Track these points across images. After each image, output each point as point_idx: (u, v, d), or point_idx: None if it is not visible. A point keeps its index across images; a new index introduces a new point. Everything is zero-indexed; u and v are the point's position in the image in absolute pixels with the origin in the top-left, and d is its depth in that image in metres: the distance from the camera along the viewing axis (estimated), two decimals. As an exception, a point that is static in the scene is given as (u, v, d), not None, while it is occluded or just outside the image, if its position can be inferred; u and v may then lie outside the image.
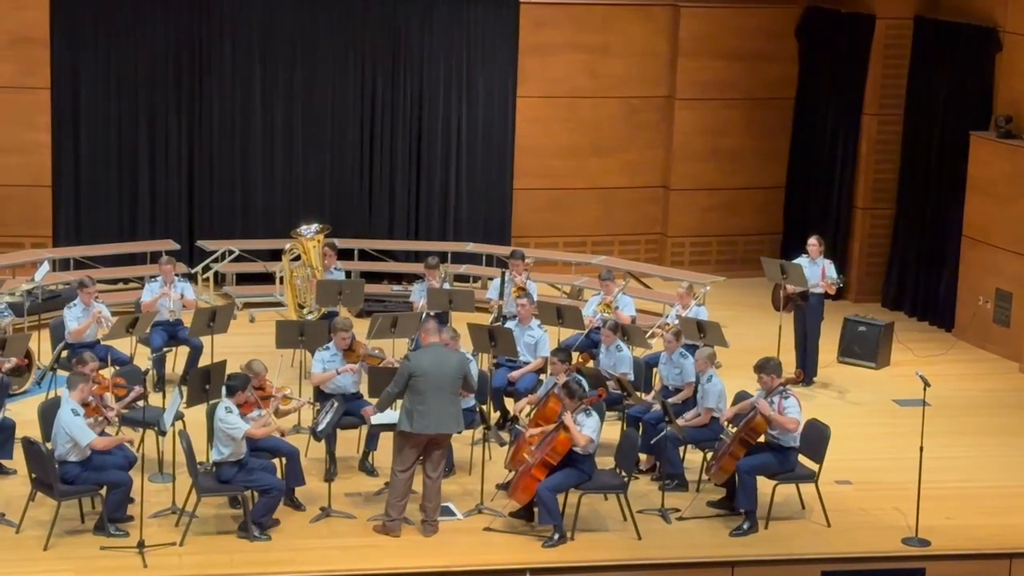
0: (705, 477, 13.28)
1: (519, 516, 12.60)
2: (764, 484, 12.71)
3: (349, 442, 13.75)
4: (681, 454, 13.49)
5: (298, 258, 17.37)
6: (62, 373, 14.37)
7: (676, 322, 15.21)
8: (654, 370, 14.84)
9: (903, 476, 13.11)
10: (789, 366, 15.20)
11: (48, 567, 11.44)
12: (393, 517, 12.26)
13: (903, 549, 12.45)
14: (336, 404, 12.98)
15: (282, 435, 12.58)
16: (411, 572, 11.76)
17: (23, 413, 13.58)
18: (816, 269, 16.46)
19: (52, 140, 19.47)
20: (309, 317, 16.51)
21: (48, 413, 12.46)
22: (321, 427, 12.73)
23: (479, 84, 20.46)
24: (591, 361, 14.39)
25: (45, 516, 11.92)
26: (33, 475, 12.03)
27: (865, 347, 17.41)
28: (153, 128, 19.71)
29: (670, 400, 13.60)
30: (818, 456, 12.85)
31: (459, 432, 12.55)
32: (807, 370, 16.33)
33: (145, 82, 19.58)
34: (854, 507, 13.20)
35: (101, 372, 13.21)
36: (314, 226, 17.48)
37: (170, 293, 15.54)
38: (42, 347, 15.45)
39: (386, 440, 13.10)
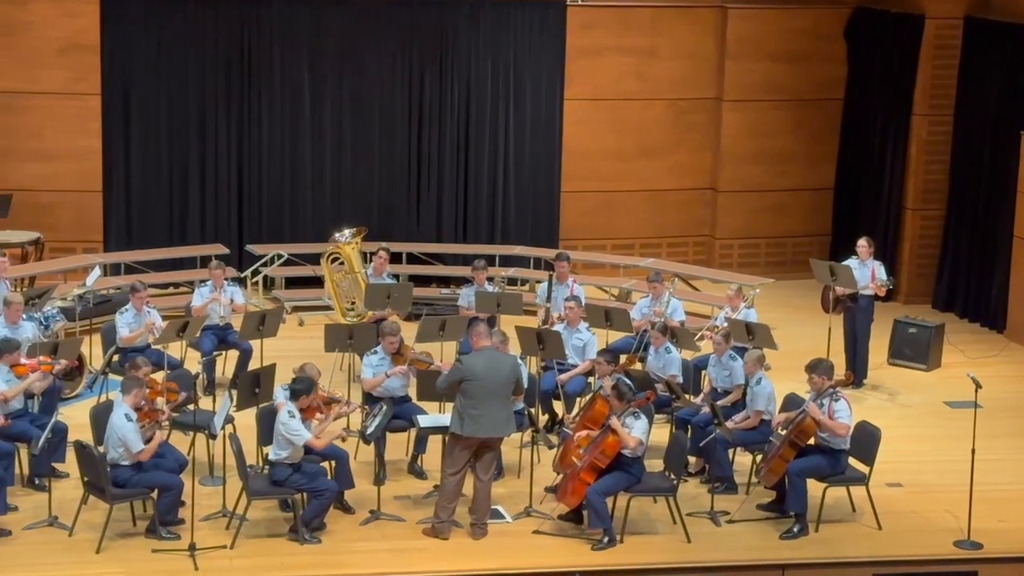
0: (755, 480, 13.24)
1: (568, 519, 12.59)
2: (814, 487, 12.65)
3: (398, 445, 13.78)
4: (730, 457, 13.45)
5: (339, 261, 17.41)
6: (113, 377, 14.48)
7: (725, 324, 15.16)
8: (703, 372, 14.79)
9: (955, 479, 13.02)
10: (839, 368, 15.17)
11: (100, 570, 11.51)
12: (442, 519, 12.28)
13: (955, 552, 12.36)
14: (385, 407, 13.01)
15: (343, 441, 12.57)
16: (460, 574, 11.76)
17: (75, 417, 13.67)
18: (866, 271, 16.38)
19: (103, 146, 19.63)
20: (351, 315, 16.54)
21: (100, 417, 12.54)
22: (370, 430, 12.76)
23: (526, 87, 20.48)
24: (638, 363, 14.37)
25: (97, 519, 12.00)
26: (85, 478, 12.12)
27: (916, 349, 17.30)
28: (203, 133, 19.83)
29: (719, 402, 13.56)
30: (868, 458, 12.78)
31: (510, 435, 12.57)
32: (857, 372, 16.26)
33: (195, 87, 19.71)
34: (905, 510, 13.12)
35: (153, 376, 13.30)
36: (348, 231, 17.50)
37: (220, 298, 15.62)
38: (93, 351, 15.56)
39: (435, 443, 13.14)
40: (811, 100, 20.99)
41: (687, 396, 14.04)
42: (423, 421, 12.88)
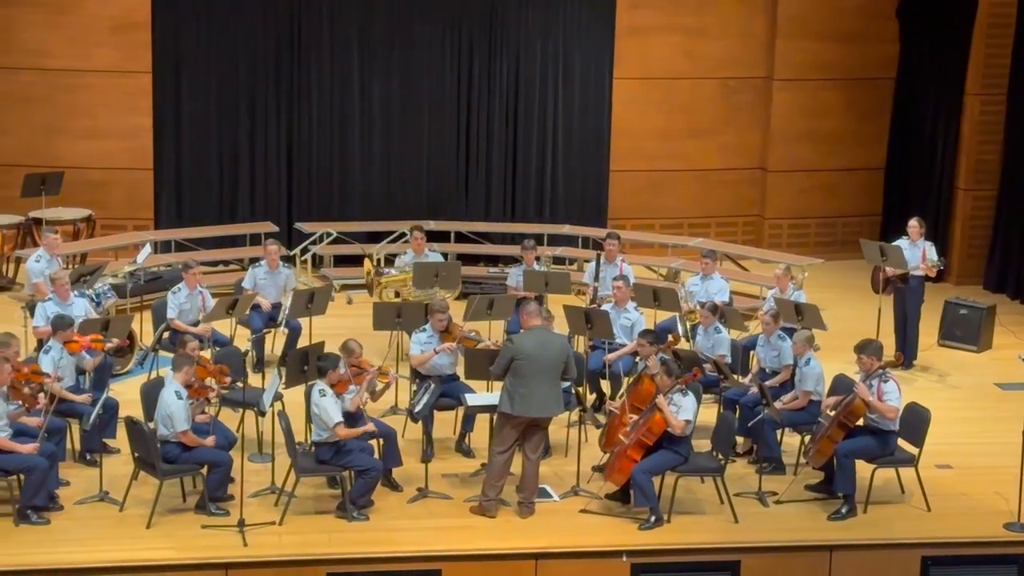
0: (803, 460, 13.18)
1: (615, 498, 12.59)
2: (863, 468, 12.60)
3: (446, 423, 13.81)
4: (778, 437, 13.42)
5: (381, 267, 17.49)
6: (163, 354, 14.57)
7: (774, 304, 15.11)
8: (752, 353, 14.76)
9: (1005, 460, 12.91)
10: (888, 350, 15.07)
11: (151, 545, 11.59)
12: (490, 498, 12.30)
13: (1005, 535, 12.29)
14: (433, 385, 13.05)
15: (371, 438, 12.57)
16: (507, 553, 11.79)
17: (125, 393, 13.77)
18: (917, 251, 16.28)
19: (154, 124, 19.72)
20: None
21: (150, 393, 12.63)
22: (418, 408, 12.80)
23: (575, 66, 20.43)
24: (682, 341, 14.33)
25: (147, 495, 12.09)
26: (136, 454, 12.21)
27: (966, 330, 17.19)
28: (253, 111, 19.90)
29: (767, 383, 13.52)
30: (918, 440, 12.72)
31: (560, 414, 12.57)
32: (907, 353, 16.16)
33: (245, 65, 19.78)
34: (955, 492, 13.05)
35: (203, 353, 13.38)
36: (390, 270, 17.47)
37: (277, 265, 15.67)
38: (144, 328, 15.66)
39: (482, 421, 13.15)
40: (862, 79, 20.84)
41: (735, 376, 14.01)
42: (471, 400, 12.91)
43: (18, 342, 12.73)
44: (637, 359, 14.36)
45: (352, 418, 12.32)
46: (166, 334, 14.80)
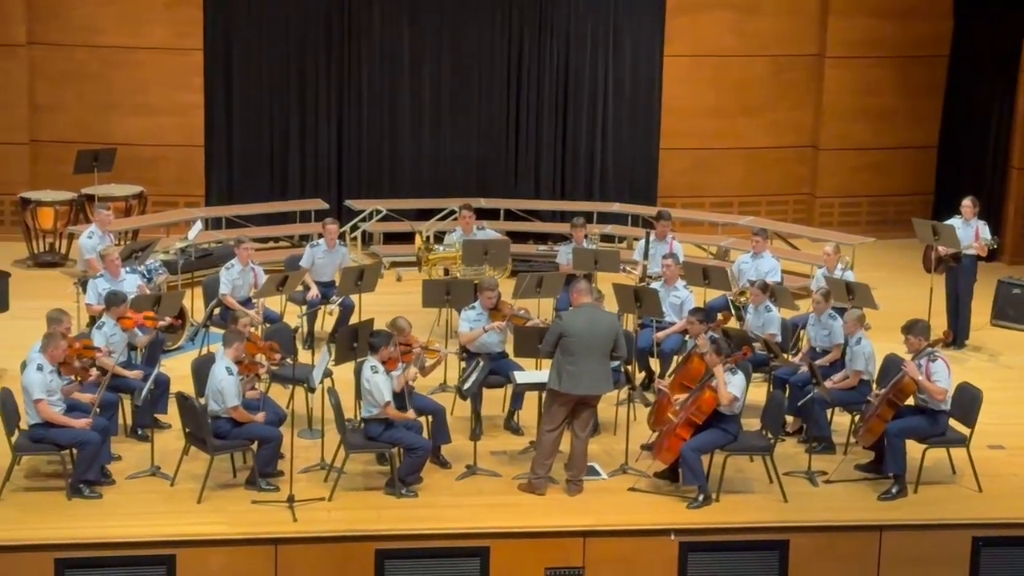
0: (853, 440, 13.14)
1: (664, 477, 12.58)
2: (913, 448, 12.53)
3: (495, 401, 13.83)
4: (828, 416, 13.36)
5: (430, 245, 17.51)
6: (214, 330, 14.65)
7: (824, 283, 15.03)
8: (802, 332, 14.69)
9: (1058, 441, 12.86)
10: (937, 330, 14.97)
11: (202, 519, 11.67)
12: (539, 475, 12.31)
13: (1057, 516, 12.23)
14: (482, 363, 13.06)
15: (414, 422, 12.59)
16: (555, 530, 11.80)
17: (177, 369, 13.86)
18: (970, 230, 16.15)
19: (205, 101, 19.80)
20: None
21: (201, 369, 12.71)
22: (467, 386, 12.81)
23: (626, 44, 20.36)
24: (732, 320, 14.28)
25: (198, 470, 12.17)
26: (187, 430, 12.29)
27: (1019, 310, 17.05)
28: (303, 89, 19.95)
29: (818, 362, 13.46)
30: (969, 420, 12.64)
31: (608, 392, 12.55)
32: (959, 333, 16.06)
33: (296, 43, 19.82)
34: (1006, 472, 12.97)
35: (253, 329, 13.44)
36: (439, 247, 17.46)
37: (335, 244, 15.72)
38: (195, 304, 15.75)
39: (531, 399, 13.16)
40: (915, 57, 20.68)
41: (785, 355, 13.96)
42: (520, 377, 12.91)
43: (70, 318, 12.83)
44: (686, 337, 14.32)
45: (399, 397, 12.35)
46: (217, 310, 14.86)
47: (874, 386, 13.03)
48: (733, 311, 15.00)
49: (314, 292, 15.52)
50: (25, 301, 15.07)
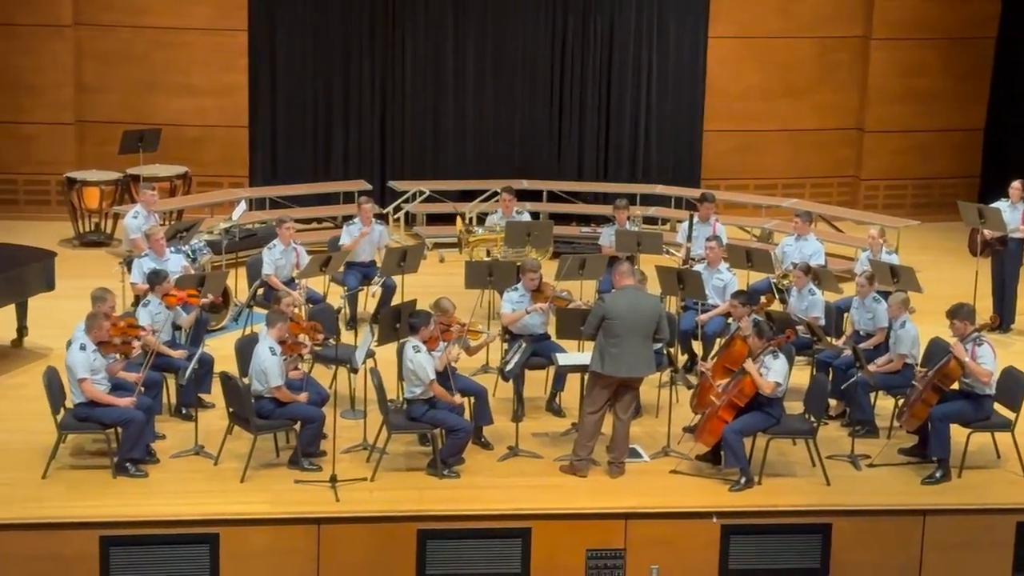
0: (896, 424, 13.08)
1: (706, 459, 12.56)
2: (958, 432, 12.47)
3: (537, 382, 13.83)
4: (872, 400, 13.31)
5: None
6: (258, 310, 14.71)
7: (868, 266, 14.96)
8: (846, 315, 14.63)
9: (1104, 427, 12.75)
10: (985, 312, 14.88)
11: (245, 498, 11.73)
12: (581, 457, 12.31)
13: (1102, 502, 12.14)
14: (524, 345, 13.06)
15: (458, 405, 12.62)
16: (597, 512, 11.80)
17: (220, 349, 13.92)
18: (1016, 213, 16.03)
19: (249, 82, 19.85)
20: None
21: (245, 349, 12.76)
22: (509, 367, 12.82)
23: (670, 25, 20.29)
24: (775, 303, 14.24)
25: (242, 449, 12.22)
26: (230, 409, 12.34)
27: (1066, 294, 16.92)
28: (347, 70, 19.97)
29: (862, 345, 13.40)
30: (1015, 404, 12.56)
31: (651, 375, 12.53)
32: (1004, 317, 15.94)
33: (340, 24, 19.83)
34: (1051, 458, 12.90)
35: (296, 309, 13.49)
36: (480, 229, 17.46)
37: (370, 233, 15.73)
38: (239, 284, 15.81)
39: (573, 381, 13.16)
40: (962, 38, 20.52)
41: (829, 338, 13.90)
42: (562, 359, 12.92)
43: (114, 297, 12.89)
44: (729, 320, 14.29)
45: (441, 377, 12.37)
46: (261, 290, 14.92)
47: (918, 370, 12.96)
48: (776, 294, 14.95)
49: (366, 231, 15.56)
50: (71, 280, 15.16)
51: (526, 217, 17.05)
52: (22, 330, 14.88)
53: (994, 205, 16.22)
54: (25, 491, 11.66)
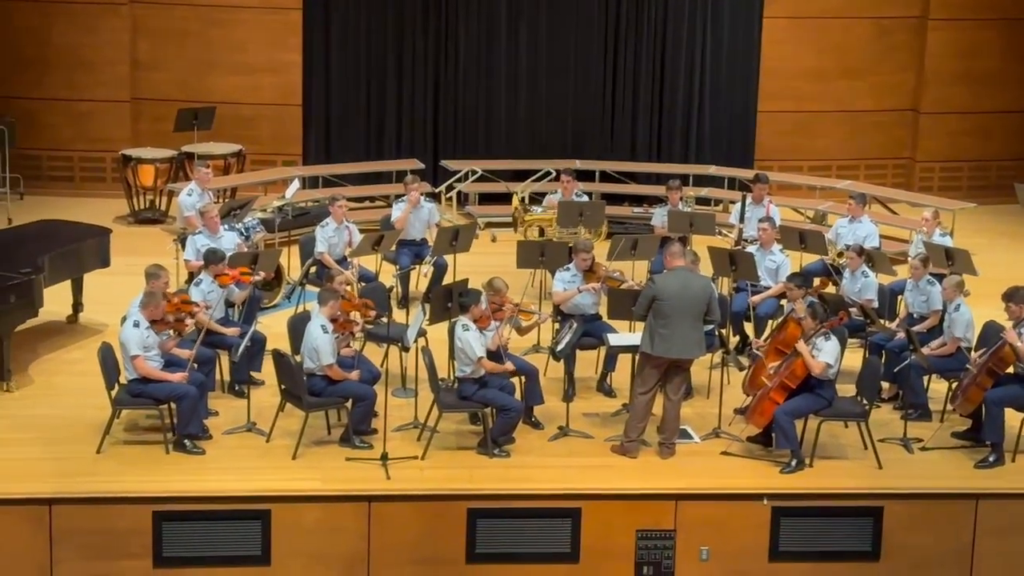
0: (950, 407, 12.99)
1: (757, 441, 12.53)
2: (1011, 416, 12.38)
3: (588, 363, 13.83)
4: (925, 383, 13.22)
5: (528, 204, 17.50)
6: (310, 288, 14.77)
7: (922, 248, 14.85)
8: (899, 297, 14.54)
9: None
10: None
11: (296, 475, 11.79)
12: (632, 438, 12.30)
13: None
14: (575, 325, 13.05)
15: (510, 371, 12.60)
16: (647, 493, 11.79)
17: (272, 326, 13.99)
18: (1074, 196, 15.89)
19: (303, 60, 19.91)
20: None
21: (297, 327, 12.81)
22: (560, 347, 12.81)
23: (724, 5, 20.19)
24: (831, 286, 14.17)
25: (294, 426, 12.28)
26: (282, 387, 12.40)
27: (1124, 278, 16.75)
28: (400, 48, 19.99)
29: (915, 328, 13.31)
30: (1070, 389, 12.46)
31: (701, 356, 12.49)
32: (1060, 301, 15.78)
33: (393, 3, 19.84)
34: (1107, 443, 12.78)
35: (348, 288, 13.53)
36: (536, 208, 17.44)
37: (417, 200, 15.73)
38: (291, 262, 15.87)
39: (624, 361, 13.14)
40: (1020, 19, 20.32)
41: (882, 321, 13.82)
42: (613, 339, 12.90)
43: (168, 273, 12.97)
44: (781, 302, 14.23)
45: (493, 356, 12.39)
46: (313, 269, 14.97)
47: (973, 353, 12.86)
48: (832, 272, 14.85)
49: (413, 200, 15.56)
50: (126, 257, 15.26)
51: (585, 199, 17.02)
52: (77, 306, 15.01)
53: (1052, 188, 16.08)
54: (79, 466, 11.77)
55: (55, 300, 14.35)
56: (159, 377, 12.05)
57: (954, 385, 12.94)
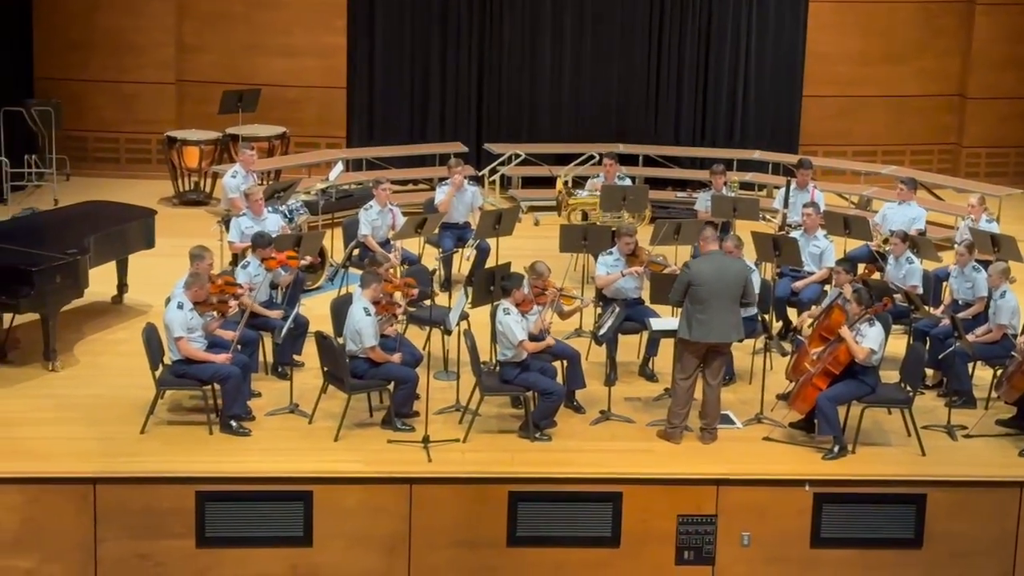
0: (994, 395, 12.92)
1: (799, 427, 12.49)
2: (1057, 405, 12.31)
3: (630, 347, 13.81)
4: (970, 370, 13.15)
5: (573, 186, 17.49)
6: (353, 271, 14.80)
7: (968, 235, 14.76)
8: (944, 284, 14.46)
9: None
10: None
11: (338, 457, 11.84)
12: (674, 424, 12.28)
13: None
14: (618, 309, 13.03)
15: (555, 359, 12.58)
16: (688, 478, 11.78)
17: (315, 309, 14.03)
18: (1122, 183, 15.74)
19: (348, 43, 19.93)
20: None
21: (340, 309, 12.85)
22: (602, 331, 12.80)
23: (770, -12, 20.13)
24: (876, 273, 14.12)
25: (336, 408, 12.32)
26: (325, 368, 12.44)
27: None
28: (445, 32, 19.98)
29: (960, 315, 13.24)
30: (1116, 378, 12.37)
31: (739, 341, 12.45)
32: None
33: (438, -15, 19.89)
34: None
35: (391, 271, 13.56)
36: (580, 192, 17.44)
37: (461, 182, 15.73)
38: (335, 245, 15.91)
39: (666, 346, 13.12)
40: (1071, 4, 20.18)
41: (927, 307, 13.75)
42: (655, 324, 12.88)
43: (212, 255, 13.04)
44: (825, 287, 14.18)
45: (536, 340, 12.39)
46: (356, 251, 15.00)
47: (1019, 339, 12.78)
48: (877, 259, 14.78)
49: (456, 182, 15.58)
50: (170, 238, 15.34)
51: (628, 183, 16.99)
52: (122, 287, 15.10)
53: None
54: (123, 446, 11.85)
55: (100, 281, 14.44)
56: (202, 358, 12.12)
57: (999, 372, 12.87)
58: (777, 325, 14.35)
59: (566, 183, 17.74)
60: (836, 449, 12.05)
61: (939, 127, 20.67)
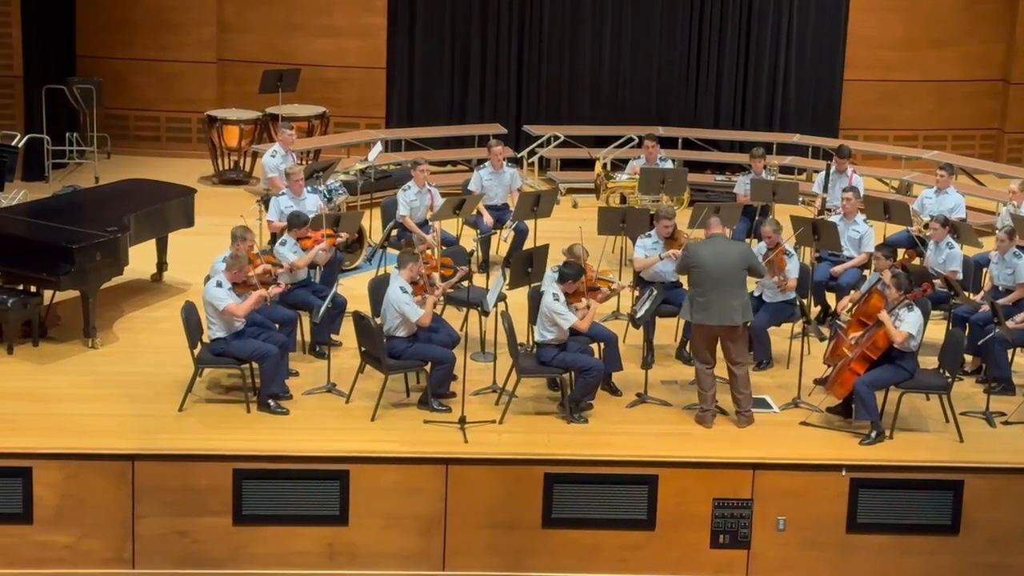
0: (1034, 382, 12.87)
1: (836, 412, 12.45)
2: (1097, 392, 12.25)
3: (667, 330, 13.80)
4: (1009, 357, 13.07)
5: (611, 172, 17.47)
6: (391, 251, 14.82)
7: (1008, 221, 14.66)
8: (984, 270, 14.38)
9: None
10: None
11: (375, 436, 11.88)
12: (704, 408, 12.28)
13: None
14: (655, 292, 13.01)
15: (587, 344, 12.57)
16: (725, 462, 11.76)
17: (354, 289, 14.07)
18: None
19: (388, 24, 19.94)
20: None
21: (378, 289, 12.88)
22: (640, 314, 12.78)
23: (812, -29, 20.03)
24: (916, 258, 14.05)
25: (373, 388, 12.36)
26: (362, 348, 12.48)
27: None
28: (485, 13, 19.97)
29: (1000, 301, 13.16)
30: None
31: (745, 324, 12.29)
32: None
33: (479, -33, 19.87)
34: None
35: (429, 252, 13.57)
36: (619, 175, 17.42)
37: (502, 167, 15.74)
38: (373, 225, 15.94)
39: (704, 330, 13.09)
40: (1116, -12, 20.00)
41: (966, 293, 13.67)
42: (690, 308, 12.86)
43: (253, 235, 13.08)
44: (864, 272, 14.12)
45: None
46: (394, 232, 15.03)
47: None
48: (917, 244, 14.70)
49: (488, 220, 15.56)
50: (210, 217, 15.40)
51: (668, 165, 16.96)
52: (162, 265, 15.17)
53: None
54: (162, 423, 11.92)
55: (140, 259, 14.52)
56: (255, 306, 12.15)
57: (1039, 359, 12.81)
58: (815, 310, 14.30)
59: (605, 166, 17.71)
60: (873, 434, 12.01)
61: (982, 112, 20.54)
